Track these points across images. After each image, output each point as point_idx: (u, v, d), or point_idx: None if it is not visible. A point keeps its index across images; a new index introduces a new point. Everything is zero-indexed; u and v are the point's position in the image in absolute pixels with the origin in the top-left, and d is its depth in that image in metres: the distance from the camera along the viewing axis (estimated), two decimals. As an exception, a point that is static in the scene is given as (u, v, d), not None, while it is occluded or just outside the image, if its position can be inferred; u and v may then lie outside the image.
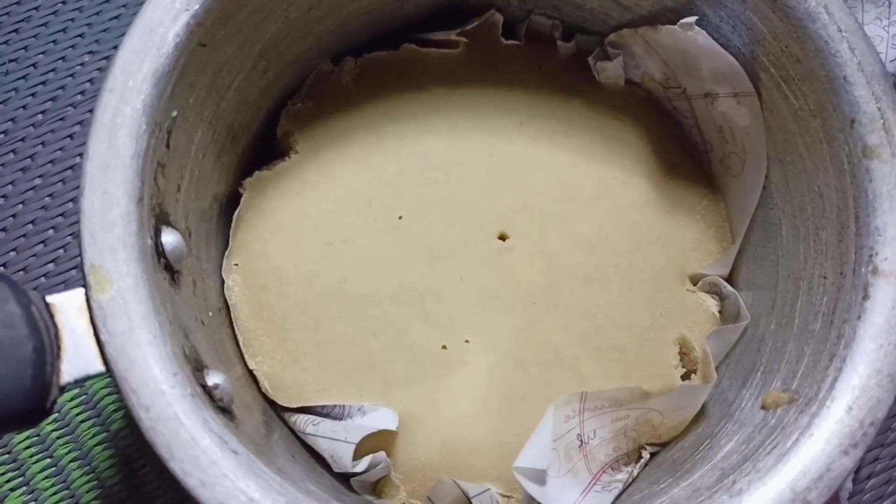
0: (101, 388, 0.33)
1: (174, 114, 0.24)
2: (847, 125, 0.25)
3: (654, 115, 0.33)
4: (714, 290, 0.32)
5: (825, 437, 0.22)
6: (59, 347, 0.20)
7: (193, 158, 0.26)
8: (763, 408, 0.25)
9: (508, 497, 0.29)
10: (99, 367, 0.20)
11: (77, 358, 0.20)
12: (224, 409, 0.22)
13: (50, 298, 0.20)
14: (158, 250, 0.23)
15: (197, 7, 0.24)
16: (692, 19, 0.28)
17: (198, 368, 0.22)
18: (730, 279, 0.32)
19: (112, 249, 0.21)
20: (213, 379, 0.22)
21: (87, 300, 0.20)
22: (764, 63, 0.28)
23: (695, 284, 0.32)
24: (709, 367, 0.29)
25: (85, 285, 0.20)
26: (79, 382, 0.20)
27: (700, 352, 0.30)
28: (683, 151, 0.33)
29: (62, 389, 0.20)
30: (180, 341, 0.22)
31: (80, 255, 0.21)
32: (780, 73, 0.28)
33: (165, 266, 0.23)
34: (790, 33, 0.26)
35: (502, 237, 0.32)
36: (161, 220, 0.23)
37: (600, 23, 0.32)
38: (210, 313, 0.27)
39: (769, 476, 0.22)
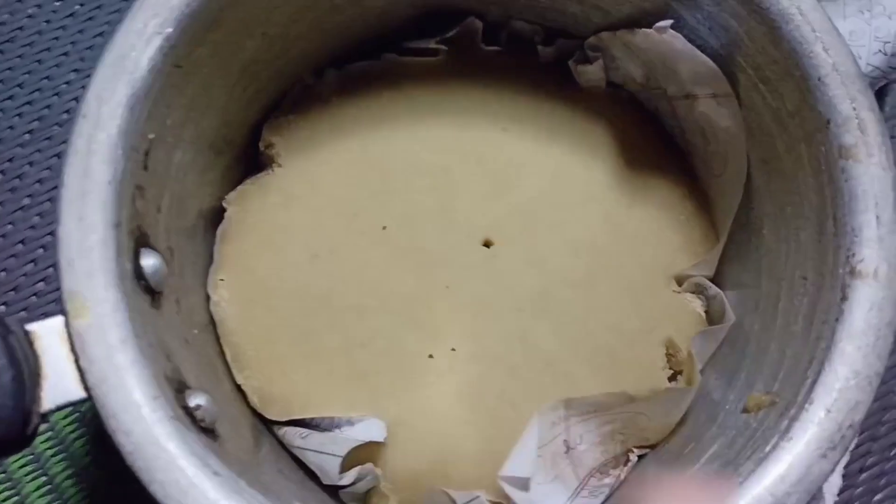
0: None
1: (151, 136, 0.24)
2: (823, 125, 0.25)
3: (636, 116, 0.34)
4: (699, 291, 0.32)
5: (804, 441, 0.22)
6: (39, 375, 0.20)
7: (174, 178, 0.27)
8: (745, 411, 0.25)
9: (498, 504, 0.29)
10: (80, 393, 0.20)
11: (58, 385, 0.20)
12: (207, 430, 0.23)
13: (29, 326, 0.21)
14: (138, 273, 0.23)
15: (170, 30, 0.24)
16: (667, 23, 0.28)
17: (180, 390, 0.22)
18: (715, 279, 0.32)
19: (89, 275, 0.21)
20: (195, 400, 0.22)
21: (67, 327, 0.20)
22: (741, 64, 0.28)
23: (680, 285, 0.32)
24: (693, 368, 0.29)
25: (63, 312, 0.21)
26: (60, 409, 0.20)
27: (686, 353, 0.30)
28: (666, 152, 0.33)
29: (44, 417, 0.20)
30: (161, 364, 0.22)
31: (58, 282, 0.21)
32: (757, 74, 0.28)
33: (146, 288, 0.23)
34: (765, 35, 0.26)
35: (488, 244, 0.32)
36: (140, 242, 0.24)
37: (581, 27, 0.33)
38: (195, 331, 0.27)
39: (749, 481, 0.22)
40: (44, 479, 0.32)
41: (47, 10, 0.38)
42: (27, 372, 0.19)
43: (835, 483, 0.31)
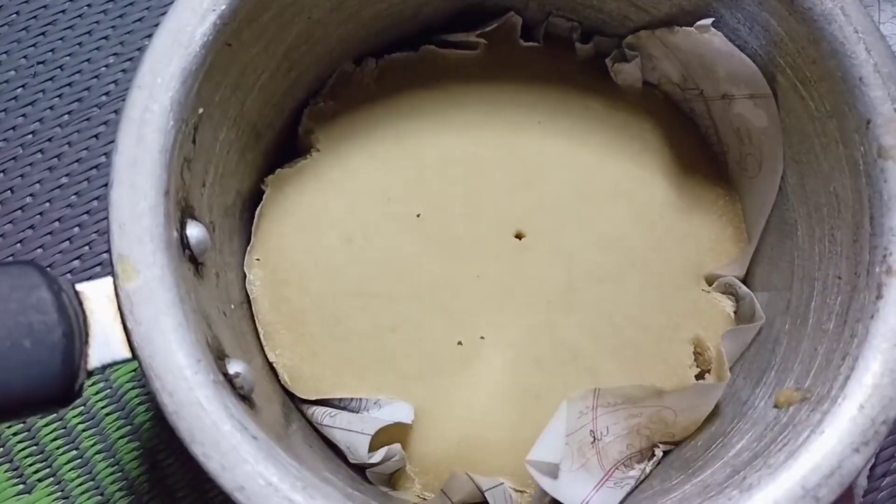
0: (126, 382, 0.33)
1: (200, 111, 0.25)
2: (862, 126, 0.25)
3: (671, 116, 0.34)
4: (729, 291, 0.32)
5: (837, 435, 0.22)
6: (87, 333, 0.20)
7: (218, 155, 0.27)
8: (776, 406, 0.26)
9: (522, 492, 0.29)
10: (125, 353, 0.21)
11: (104, 344, 0.21)
12: (244, 397, 0.23)
13: (79, 286, 0.21)
14: (183, 242, 0.23)
15: (224, 7, 0.25)
16: (708, 21, 0.29)
17: (220, 357, 0.23)
18: (745, 280, 0.32)
19: (139, 240, 0.21)
20: (234, 367, 0.23)
21: (115, 289, 0.21)
22: (780, 65, 0.28)
23: (710, 285, 0.32)
24: (723, 366, 0.29)
25: (113, 274, 0.21)
26: (106, 367, 0.21)
27: (714, 352, 0.30)
28: (700, 152, 0.33)
29: (90, 374, 0.20)
30: (203, 330, 0.22)
31: (108, 245, 0.21)
32: (796, 74, 0.28)
33: (190, 258, 0.24)
34: (807, 35, 0.27)
35: (519, 235, 0.32)
36: (186, 213, 0.24)
37: (618, 25, 0.33)
38: (232, 306, 0.28)
39: (780, 472, 0.22)
40: (74, 452, 0.32)
41: (90, -7, 0.38)
42: (77, 330, 0.20)
43: (860, 484, 0.31)
